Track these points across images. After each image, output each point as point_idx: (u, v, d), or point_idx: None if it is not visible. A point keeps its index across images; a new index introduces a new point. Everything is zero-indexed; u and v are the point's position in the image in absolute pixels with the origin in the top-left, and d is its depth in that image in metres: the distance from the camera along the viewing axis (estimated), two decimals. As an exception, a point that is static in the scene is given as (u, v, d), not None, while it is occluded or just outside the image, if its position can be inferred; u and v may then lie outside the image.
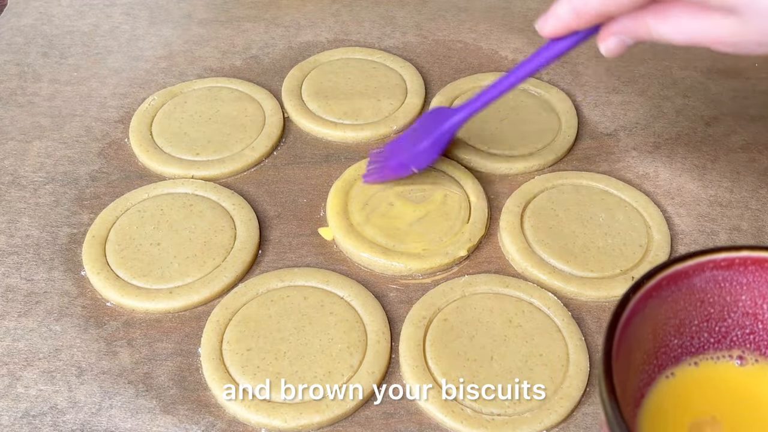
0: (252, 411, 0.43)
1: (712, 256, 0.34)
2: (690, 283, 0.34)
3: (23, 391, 0.45)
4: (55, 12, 0.72)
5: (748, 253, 0.34)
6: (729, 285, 0.35)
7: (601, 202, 0.55)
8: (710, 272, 0.34)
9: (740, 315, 0.36)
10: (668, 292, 0.34)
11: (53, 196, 0.55)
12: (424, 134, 0.52)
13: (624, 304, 0.32)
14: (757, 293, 0.35)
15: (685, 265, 0.34)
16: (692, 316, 0.35)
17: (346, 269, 0.52)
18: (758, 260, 0.34)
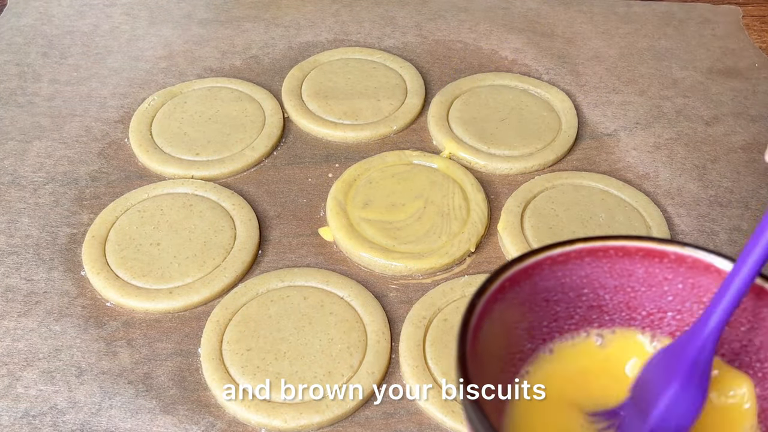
0: (252, 411, 0.43)
1: (548, 253, 0.34)
2: (532, 282, 0.34)
3: (23, 391, 0.45)
4: (55, 12, 0.72)
5: (582, 245, 0.34)
6: (569, 280, 0.35)
7: (601, 202, 0.55)
8: (549, 269, 0.34)
9: (585, 309, 0.36)
10: (513, 294, 0.34)
11: (53, 196, 0.55)
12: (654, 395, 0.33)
13: (471, 309, 0.32)
14: (597, 284, 0.35)
15: (524, 265, 0.34)
16: (540, 317, 0.35)
17: (346, 269, 0.52)
18: (592, 250, 0.34)
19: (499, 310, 0.33)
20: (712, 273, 0.33)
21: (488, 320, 0.32)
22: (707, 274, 0.33)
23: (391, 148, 0.59)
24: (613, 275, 0.35)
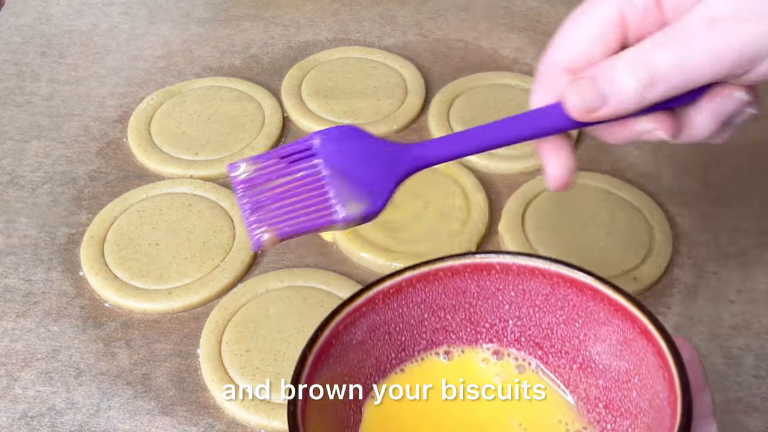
0: (251, 412, 0.43)
1: (378, 288, 0.34)
2: (368, 321, 0.34)
3: (21, 392, 0.44)
4: (53, 11, 0.71)
5: (410, 273, 0.35)
6: (407, 308, 0.35)
7: (602, 202, 0.55)
8: (383, 303, 0.34)
9: (431, 333, 0.36)
10: (349, 337, 0.34)
11: (51, 196, 0.55)
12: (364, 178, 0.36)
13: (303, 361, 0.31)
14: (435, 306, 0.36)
15: (355, 305, 0.33)
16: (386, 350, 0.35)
17: (346, 269, 0.51)
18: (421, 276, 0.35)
19: (336, 356, 0.33)
20: (537, 276, 0.34)
21: (325, 367, 0.32)
22: (533, 277, 0.35)
23: (391, 148, 0.59)
24: (449, 295, 0.36)
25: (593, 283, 0.33)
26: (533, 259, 0.34)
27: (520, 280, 0.35)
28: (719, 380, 0.46)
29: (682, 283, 0.51)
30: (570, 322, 0.35)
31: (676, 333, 0.48)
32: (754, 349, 0.47)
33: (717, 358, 0.47)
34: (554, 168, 0.36)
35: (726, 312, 0.49)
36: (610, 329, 0.33)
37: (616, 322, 0.33)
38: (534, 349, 0.36)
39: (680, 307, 0.50)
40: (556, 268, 0.34)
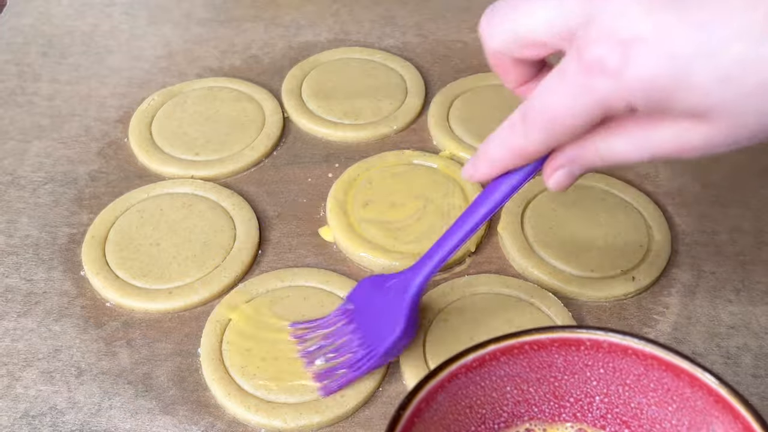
0: (252, 411, 0.43)
1: (462, 361, 0.33)
2: (450, 394, 0.34)
3: (22, 391, 0.45)
4: (54, 12, 0.72)
5: (495, 345, 0.34)
6: (490, 381, 0.35)
7: (602, 202, 0.55)
8: (465, 377, 0.34)
9: (512, 405, 0.35)
10: (431, 413, 0.33)
11: (52, 196, 0.55)
12: (386, 315, 0.43)
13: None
14: (519, 380, 0.35)
15: (438, 380, 0.33)
16: (466, 425, 0.35)
17: (346, 269, 0.51)
18: (506, 349, 0.34)
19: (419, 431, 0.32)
20: (630, 355, 0.34)
21: None
22: (625, 356, 0.34)
23: (391, 148, 0.59)
24: (533, 368, 0.35)
25: (692, 370, 0.32)
26: (626, 338, 0.33)
27: (610, 357, 0.34)
28: (717, 380, 0.46)
29: (680, 282, 0.51)
30: (663, 404, 0.34)
31: (674, 331, 0.48)
32: (753, 349, 0.47)
33: (716, 357, 0.47)
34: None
35: (724, 312, 0.49)
36: (708, 419, 0.32)
37: (716, 413, 0.32)
38: (620, 427, 0.35)
39: (679, 306, 0.50)
40: (651, 349, 0.33)
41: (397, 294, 0.43)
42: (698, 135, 0.31)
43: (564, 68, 0.32)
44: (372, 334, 0.43)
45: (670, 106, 0.30)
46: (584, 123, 0.32)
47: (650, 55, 0.29)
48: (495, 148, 0.37)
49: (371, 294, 0.45)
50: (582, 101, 0.31)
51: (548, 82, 0.32)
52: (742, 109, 0.29)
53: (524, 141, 0.35)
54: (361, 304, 0.45)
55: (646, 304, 0.50)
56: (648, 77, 0.29)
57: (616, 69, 0.29)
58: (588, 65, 0.30)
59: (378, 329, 0.43)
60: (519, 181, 0.38)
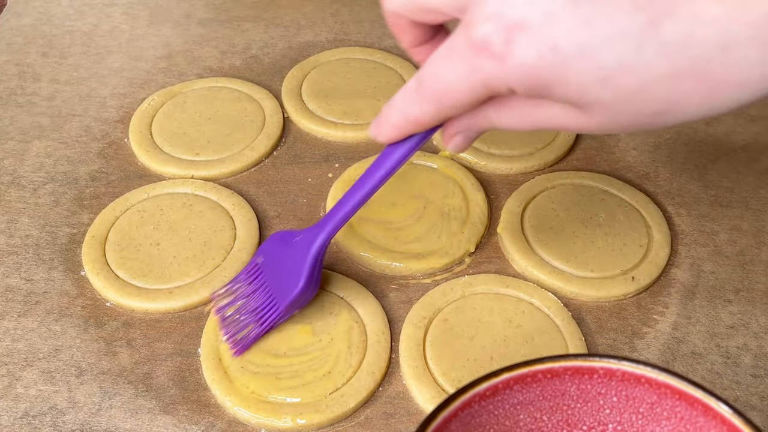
0: (252, 411, 0.43)
1: (475, 390, 0.33)
2: (463, 423, 0.33)
3: (23, 391, 0.45)
4: (54, 12, 0.72)
5: (508, 374, 0.34)
6: (503, 410, 0.34)
7: (601, 202, 0.55)
8: (479, 405, 0.34)
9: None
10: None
11: (53, 196, 0.55)
12: (290, 270, 0.45)
13: None
14: (532, 408, 0.35)
15: (451, 409, 0.33)
16: None
17: (346, 269, 0.52)
18: (520, 378, 0.34)
19: None
20: (643, 384, 0.34)
21: None
22: (639, 385, 0.34)
23: (391, 148, 0.59)
24: (546, 397, 0.35)
25: (706, 399, 0.32)
26: (639, 366, 0.33)
27: (624, 386, 0.34)
28: (717, 379, 0.46)
29: (680, 282, 0.51)
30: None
31: (674, 331, 0.48)
32: (752, 349, 0.47)
33: (715, 357, 0.47)
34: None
35: (724, 311, 0.49)
36: None
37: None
38: None
39: (678, 306, 0.50)
40: (665, 378, 0.33)
41: (301, 249, 0.45)
42: (574, 120, 0.32)
43: (454, 42, 0.32)
44: (277, 288, 0.45)
45: (549, 94, 0.31)
46: (471, 100, 0.33)
47: (532, 44, 0.29)
48: (395, 113, 0.37)
49: (279, 248, 0.47)
50: (468, 80, 0.32)
51: (439, 53, 0.33)
52: (618, 109, 0.30)
53: (419, 111, 0.35)
54: (269, 258, 0.47)
55: (645, 304, 0.50)
56: (528, 66, 0.29)
57: (500, 53, 0.30)
58: (474, 44, 0.30)
59: (282, 283, 0.45)
60: (415, 144, 0.39)
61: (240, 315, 0.46)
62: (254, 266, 0.48)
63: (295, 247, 0.46)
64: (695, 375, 0.46)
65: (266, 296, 0.46)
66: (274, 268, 0.46)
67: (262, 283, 0.46)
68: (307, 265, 0.45)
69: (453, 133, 0.38)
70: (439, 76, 0.33)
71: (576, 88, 0.29)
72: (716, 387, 0.46)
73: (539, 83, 0.30)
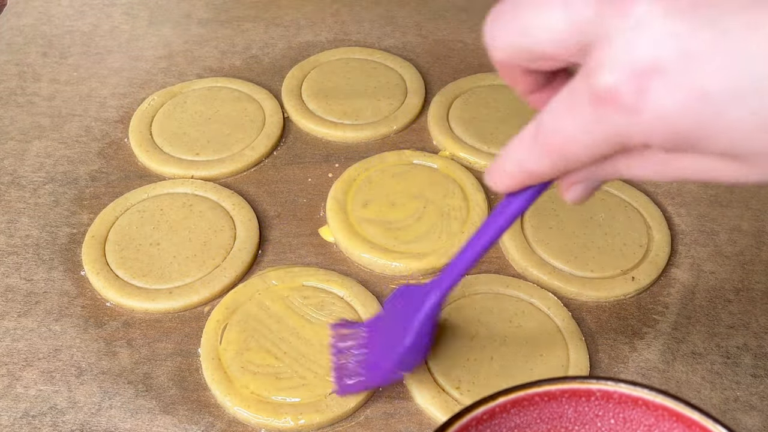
0: (252, 411, 0.43)
1: (472, 414, 0.33)
2: None
3: (23, 391, 0.45)
4: (54, 12, 0.72)
5: (504, 398, 0.33)
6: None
7: (601, 202, 0.55)
8: (475, 430, 0.33)
9: None
10: None
11: (53, 196, 0.55)
12: (402, 326, 0.42)
13: None
14: (530, 431, 0.35)
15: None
16: None
17: (346, 269, 0.52)
18: (516, 401, 0.34)
19: None
20: (640, 406, 0.33)
21: None
22: (636, 407, 0.34)
23: (391, 148, 0.59)
24: (544, 419, 0.35)
25: (703, 421, 0.32)
26: (636, 388, 0.33)
27: (621, 408, 0.34)
28: (717, 379, 0.46)
29: (680, 282, 0.51)
30: None
31: (674, 331, 0.48)
32: (752, 349, 0.47)
33: (715, 357, 0.47)
34: None
35: (724, 311, 0.49)
36: None
37: None
38: None
39: (678, 306, 0.50)
40: (662, 400, 0.33)
41: (415, 307, 0.42)
42: (728, 172, 0.27)
43: (575, 90, 0.27)
44: (390, 344, 0.42)
45: (696, 147, 0.26)
46: (596, 155, 0.28)
47: (672, 91, 0.24)
48: (510, 165, 0.33)
49: (400, 302, 0.44)
50: (593, 134, 0.27)
51: (559, 101, 0.28)
52: None
53: (536, 164, 0.31)
54: (390, 312, 0.45)
55: (645, 304, 0.50)
56: (669, 117, 0.24)
57: (631, 105, 0.25)
58: (599, 96, 0.26)
59: (394, 339, 0.42)
60: (535, 193, 0.36)
61: (351, 360, 0.44)
62: (376, 319, 0.46)
63: (412, 303, 0.42)
64: (695, 375, 0.46)
65: (379, 350, 0.43)
66: (391, 323, 0.44)
67: (379, 336, 0.44)
68: (415, 324, 0.41)
69: (573, 182, 0.33)
70: (558, 128, 0.29)
71: (731, 137, 0.24)
72: (716, 387, 0.46)
73: (683, 137, 0.25)
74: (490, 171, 0.34)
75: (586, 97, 0.26)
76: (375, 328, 0.45)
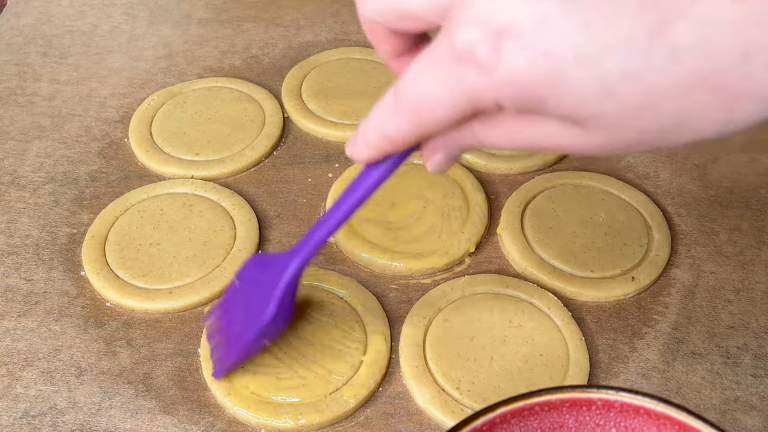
0: (252, 411, 0.43)
1: (471, 426, 0.32)
2: None
3: (23, 391, 0.45)
4: (54, 12, 0.72)
5: (504, 408, 0.33)
6: None
7: (601, 202, 0.55)
8: None
9: None
10: None
11: (53, 196, 0.55)
12: (261, 296, 0.42)
13: None
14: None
15: None
16: None
17: (346, 269, 0.52)
18: (516, 411, 0.33)
19: None
20: (642, 415, 0.33)
21: None
22: (638, 416, 0.33)
23: (391, 148, 0.59)
24: (544, 429, 0.34)
25: (705, 429, 0.32)
26: (638, 397, 0.33)
27: (622, 417, 0.34)
28: (717, 379, 0.46)
29: (680, 282, 0.51)
30: None
31: (674, 331, 0.48)
32: (752, 349, 0.47)
33: (715, 357, 0.47)
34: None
35: (724, 311, 0.49)
36: None
37: None
38: None
39: (678, 306, 0.50)
40: (663, 408, 0.33)
41: (274, 277, 0.42)
42: (572, 138, 0.28)
43: (434, 50, 0.28)
44: (250, 316, 0.43)
45: (542, 109, 0.27)
46: (454, 115, 0.29)
47: (523, 52, 0.25)
48: (371, 132, 0.34)
49: (255, 273, 0.44)
50: (450, 94, 0.28)
51: (419, 64, 0.29)
52: (622, 125, 0.27)
53: (396, 129, 0.32)
54: (246, 282, 0.45)
55: (646, 304, 0.50)
56: (518, 77, 0.26)
57: (486, 62, 0.26)
58: (458, 53, 0.27)
59: (254, 311, 0.42)
60: (394, 163, 0.36)
61: (218, 341, 0.45)
62: (232, 289, 0.45)
63: (269, 273, 0.43)
64: (695, 375, 0.46)
65: (241, 323, 0.43)
66: (249, 294, 0.44)
67: (238, 309, 0.44)
68: (276, 294, 0.41)
69: (434, 149, 0.34)
70: (417, 88, 0.30)
71: (573, 100, 0.26)
72: (716, 387, 0.46)
73: (531, 96, 0.27)
74: (351, 142, 0.35)
75: (445, 54, 0.28)
76: (233, 303, 0.45)
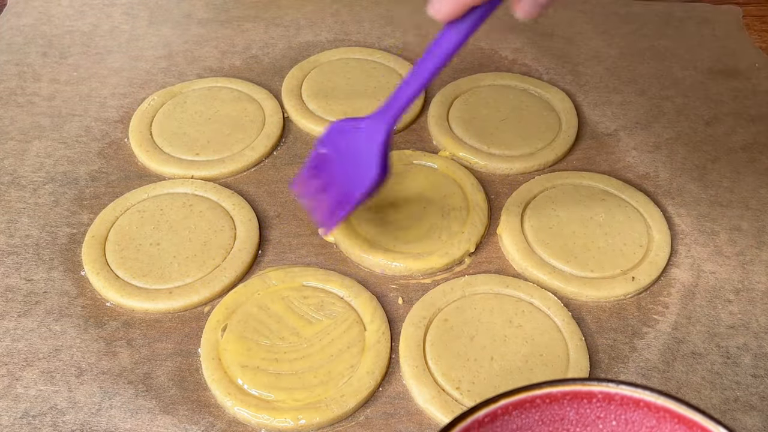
0: (252, 411, 0.43)
1: (474, 417, 0.33)
2: None
3: (23, 391, 0.45)
4: (54, 12, 0.72)
5: (506, 400, 0.33)
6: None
7: (601, 202, 0.55)
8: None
9: None
10: None
11: (53, 196, 0.55)
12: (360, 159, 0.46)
13: None
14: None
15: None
16: None
17: (346, 269, 0.52)
18: (518, 403, 0.34)
19: None
20: (642, 408, 0.34)
21: None
22: (638, 409, 0.34)
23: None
24: (545, 422, 0.35)
25: (705, 422, 0.32)
26: (638, 390, 0.33)
27: (623, 410, 0.34)
28: (717, 379, 0.46)
29: (680, 282, 0.51)
30: None
31: (674, 331, 0.48)
32: (753, 349, 0.47)
33: (715, 357, 0.47)
34: None
35: (724, 312, 0.49)
36: None
37: None
38: None
39: (678, 306, 0.50)
40: (663, 401, 0.33)
41: (368, 139, 0.46)
42: None
43: None
44: (350, 178, 0.46)
45: None
46: None
47: None
48: None
49: (343, 138, 0.47)
50: None
51: None
52: None
53: None
54: (335, 149, 0.48)
55: (645, 304, 0.50)
56: None
57: None
58: None
59: (355, 173, 0.46)
60: (476, 20, 0.38)
61: (318, 202, 0.49)
62: (319, 156, 0.48)
63: (360, 136, 0.46)
64: (695, 375, 0.46)
65: (341, 185, 0.47)
66: (345, 158, 0.47)
67: (336, 172, 0.47)
68: (377, 154, 0.45)
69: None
70: None
71: None
72: (716, 387, 0.46)
73: None
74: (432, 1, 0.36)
75: None
76: (324, 168, 0.48)
